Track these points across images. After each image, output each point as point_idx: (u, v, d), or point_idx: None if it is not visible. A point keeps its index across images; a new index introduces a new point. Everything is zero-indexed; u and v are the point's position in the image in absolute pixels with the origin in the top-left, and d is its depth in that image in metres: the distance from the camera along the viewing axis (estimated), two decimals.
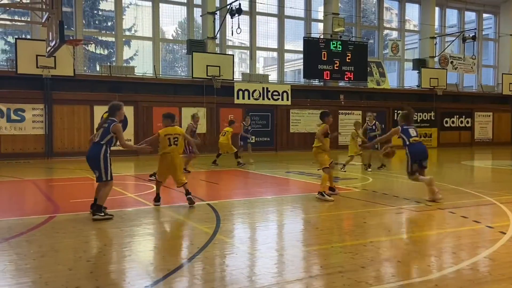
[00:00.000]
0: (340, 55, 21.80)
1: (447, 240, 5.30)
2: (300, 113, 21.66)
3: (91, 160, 6.40)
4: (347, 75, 22.09)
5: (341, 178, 11.43)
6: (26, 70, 16.08)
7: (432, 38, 25.20)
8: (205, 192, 9.24)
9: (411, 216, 6.80)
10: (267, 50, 24.81)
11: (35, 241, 5.14)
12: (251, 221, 6.49)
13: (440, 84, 24.27)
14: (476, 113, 26.19)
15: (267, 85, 21.05)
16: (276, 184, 10.60)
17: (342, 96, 22.65)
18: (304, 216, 6.82)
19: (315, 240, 5.35)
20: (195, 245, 5.00)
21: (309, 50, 21.30)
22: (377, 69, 23.95)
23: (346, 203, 7.79)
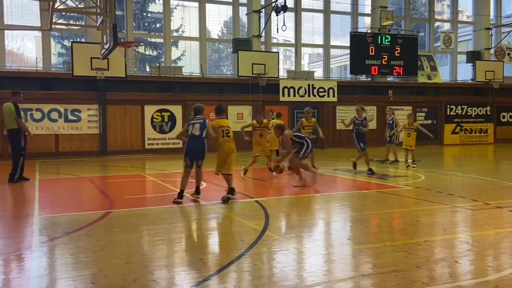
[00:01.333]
0: (388, 50, 21.26)
1: (507, 240, 5.06)
2: (347, 110, 21.31)
3: (199, 151, 7.56)
4: (396, 69, 21.51)
5: (392, 175, 11.17)
6: (81, 72, 16.82)
7: (487, 29, 24.05)
8: (253, 189, 9.30)
9: (468, 215, 6.54)
10: (313, 47, 24.58)
11: (94, 236, 5.38)
12: (299, 219, 6.48)
13: (496, 77, 23.13)
14: None
15: (313, 82, 20.88)
16: (323, 182, 10.51)
17: (390, 91, 22.09)
18: (354, 214, 6.72)
19: (366, 239, 5.26)
20: (245, 241, 5.05)
21: (356, 45, 20.92)
22: (428, 63, 23.15)
23: (397, 201, 7.60)
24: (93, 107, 17.80)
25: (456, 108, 23.24)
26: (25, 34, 18.89)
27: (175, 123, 18.67)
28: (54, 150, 17.33)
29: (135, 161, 15.88)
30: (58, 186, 10.25)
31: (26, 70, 17.88)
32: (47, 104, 17.15)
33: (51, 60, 18.66)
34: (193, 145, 7.53)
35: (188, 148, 7.57)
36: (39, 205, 7.39)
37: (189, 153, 7.57)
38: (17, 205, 7.97)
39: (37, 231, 5.65)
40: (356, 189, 9.17)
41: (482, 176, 10.59)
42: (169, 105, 18.73)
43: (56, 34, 19.51)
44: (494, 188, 8.92)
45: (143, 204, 7.65)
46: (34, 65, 18.02)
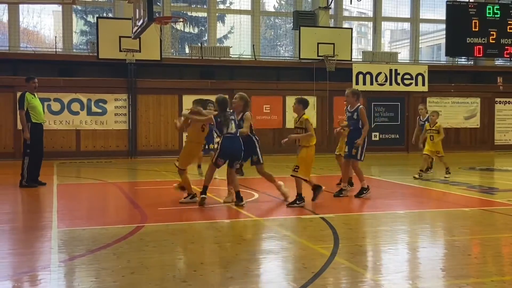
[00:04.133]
0: (498, 24, 20.46)
1: None
2: (441, 102, 20.77)
3: (240, 151, 8.38)
4: (508, 50, 20.64)
5: (501, 189, 10.76)
6: (108, 54, 17.44)
7: None
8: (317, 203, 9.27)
9: None
10: (397, 21, 24.16)
11: (123, 255, 5.58)
12: (378, 242, 6.39)
13: None
14: None
15: (396, 66, 20.53)
16: (408, 195, 10.32)
17: (500, 78, 21.30)
18: (449, 239, 6.55)
19: (466, 271, 5.12)
20: (309, 269, 5.06)
21: (454, 19, 20.29)
22: None
23: (508, 223, 7.32)
24: (121, 97, 18.45)
25: None
26: (43, 8, 19.89)
27: None
28: (75, 149, 18.15)
29: (171, 164, 16.27)
30: (80, 193, 10.71)
31: (43, 51, 18.86)
32: (67, 93, 17.99)
33: (73, 40, 19.53)
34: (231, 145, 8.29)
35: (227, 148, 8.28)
36: (58, 216, 7.76)
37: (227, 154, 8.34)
38: (31, 215, 8.42)
39: (55, 247, 5.93)
40: (453, 206, 8.91)
41: None
42: (214, 95, 18.94)
43: (79, 8, 20.37)
44: None
45: (182, 218, 7.82)
46: (52, 46, 18.94)
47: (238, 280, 4.87)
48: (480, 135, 20.59)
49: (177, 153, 18.87)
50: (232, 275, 4.99)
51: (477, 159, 15.19)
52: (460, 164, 15.26)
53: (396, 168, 14.99)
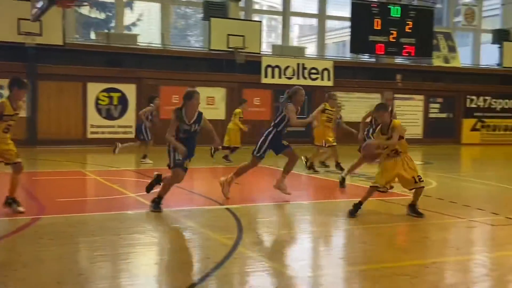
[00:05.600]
0: (398, 24, 21.50)
1: None
2: (345, 97, 21.48)
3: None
4: (407, 49, 21.77)
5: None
6: (5, 37, 16.47)
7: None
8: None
9: (486, 231, 6.71)
10: (305, 16, 24.71)
11: (14, 248, 5.31)
12: (281, 232, 6.52)
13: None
14: None
15: (304, 61, 20.98)
16: (313, 186, 10.60)
17: (398, 76, 22.37)
18: (349, 228, 6.80)
19: (362, 258, 5.35)
20: (211, 259, 5.07)
21: (358, 17, 21.08)
22: (446, 42, 23.52)
23: (402, 212, 7.72)
24: None
25: (478, 99, 23.68)
26: None
27: (126, 107, 18.52)
28: None
29: (73, 154, 15.68)
30: None
31: None
32: None
33: None
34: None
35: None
36: None
37: None
38: None
39: None
40: (354, 197, 9.26)
41: (507, 184, 10.85)
42: (120, 84, 18.55)
43: None
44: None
45: (82, 210, 7.60)
46: None
47: (137, 271, 4.79)
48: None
49: (81, 143, 18.27)
50: (131, 267, 4.90)
51: None
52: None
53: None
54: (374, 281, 4.61)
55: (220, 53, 19.43)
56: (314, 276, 4.73)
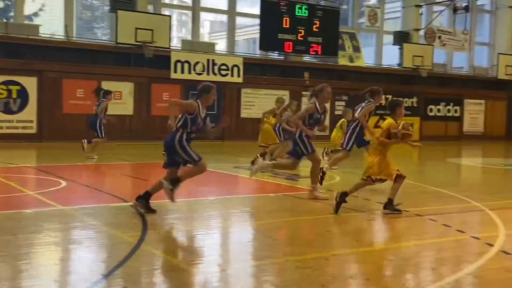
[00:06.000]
0: (305, 23, 22.03)
1: (426, 254, 5.54)
2: (254, 94, 21.76)
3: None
4: (314, 47, 22.37)
5: (303, 176, 11.62)
6: None
7: (417, 7, 25.94)
8: (129, 191, 9.12)
9: (385, 223, 7.04)
10: (215, 12, 24.67)
11: None
12: (188, 228, 6.49)
13: (425, 64, 25.07)
14: (466, 101, 27.29)
15: (214, 57, 20.98)
16: (221, 182, 10.63)
17: (306, 74, 22.94)
18: (255, 223, 6.89)
19: (266, 253, 5.43)
20: (113, 258, 4.95)
21: (267, 15, 21.38)
22: (351, 42, 24.41)
23: (306, 207, 7.93)
24: None
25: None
26: None
27: (26, 101, 17.64)
28: None
29: None
30: None
31: None
32: None
33: None
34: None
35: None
36: None
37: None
38: None
39: None
40: (260, 192, 9.41)
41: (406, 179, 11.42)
42: (20, 76, 17.62)
43: None
44: (415, 193, 9.67)
45: None
46: None
47: (35, 272, 4.59)
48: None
49: None
50: (29, 267, 4.68)
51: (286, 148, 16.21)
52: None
53: (212, 156, 15.35)
54: (277, 274, 4.70)
55: (128, 46, 18.99)
56: (219, 271, 4.75)
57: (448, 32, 26.38)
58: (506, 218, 7.20)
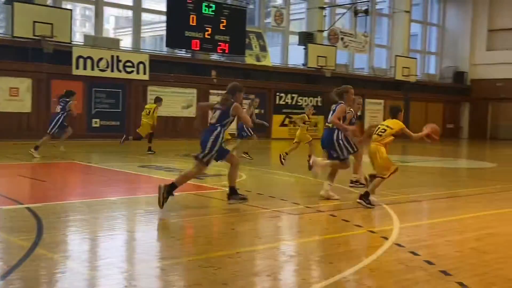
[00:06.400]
0: (213, 21, 22.03)
1: (325, 248, 5.71)
2: (161, 91, 21.42)
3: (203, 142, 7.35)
4: (221, 46, 22.43)
5: (210, 175, 11.61)
6: None
7: (321, 9, 26.75)
8: (25, 192, 8.67)
9: (287, 220, 7.17)
10: (119, 7, 24.07)
11: None
12: (87, 230, 6.26)
13: (328, 64, 25.92)
14: (367, 100, 28.51)
15: (118, 53, 20.44)
16: (125, 182, 10.39)
17: (214, 72, 22.95)
18: (159, 223, 6.79)
19: (170, 253, 5.36)
20: (5, 263, 4.67)
21: (173, 12, 21.15)
22: (258, 42, 24.73)
23: (212, 205, 7.92)
24: None
25: (286, 96, 25.35)
26: None
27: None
28: None
29: None
30: None
31: None
32: None
33: None
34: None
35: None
36: None
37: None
38: None
39: None
40: None
41: (309, 176, 11.74)
42: None
43: None
44: (319, 189, 9.97)
45: None
46: None
47: None
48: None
49: None
50: None
51: (193, 146, 16.10)
52: (176, 151, 16.01)
53: (117, 155, 14.95)
54: (179, 275, 4.65)
55: (25, 41, 18.04)
56: (121, 273, 4.61)
57: (350, 34, 27.44)
58: (401, 212, 7.60)
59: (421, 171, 13.96)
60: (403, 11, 29.85)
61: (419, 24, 33.18)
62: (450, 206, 8.58)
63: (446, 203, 8.89)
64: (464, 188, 8.90)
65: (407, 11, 30.07)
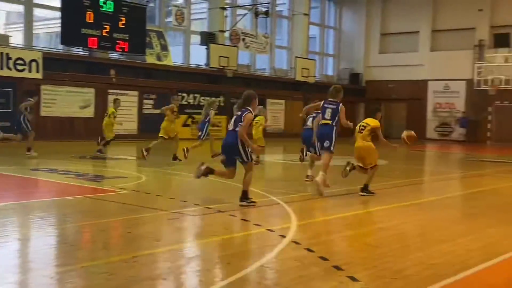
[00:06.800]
0: (111, 19, 21.42)
1: (224, 248, 5.72)
2: (56, 91, 20.54)
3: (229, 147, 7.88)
4: (120, 44, 21.88)
5: (107, 177, 11.29)
6: None
7: (222, 9, 26.85)
8: None
9: (186, 221, 7.12)
10: (10, 2, 22.80)
11: None
12: None
13: (230, 64, 26.07)
14: (268, 100, 29.02)
15: (8, 50, 19.31)
16: (16, 186, 9.84)
17: (113, 71, 22.31)
18: (53, 229, 6.49)
19: (63, 260, 5.15)
20: None
21: (69, 8, 20.33)
22: (159, 41, 24.38)
23: (108, 209, 7.70)
24: None
25: (188, 96, 25.20)
26: None
27: None
28: None
29: None
30: None
31: None
32: None
33: None
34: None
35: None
36: None
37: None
38: None
39: None
40: (58, 195, 8.90)
41: (211, 176, 11.73)
42: None
43: None
44: (220, 189, 10.02)
45: None
46: None
47: None
48: (93, 125, 20.98)
49: None
50: None
51: (90, 147, 15.59)
52: (72, 153, 15.38)
53: (5, 158, 14.09)
54: (71, 282, 4.46)
55: None
56: (5, 284, 4.34)
57: (251, 35, 27.78)
58: (299, 210, 7.81)
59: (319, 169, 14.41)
60: (302, 14, 30.67)
61: (317, 26, 34.26)
62: (347, 203, 8.90)
63: (343, 199, 9.22)
64: (360, 185, 9.30)
65: (306, 14, 30.94)
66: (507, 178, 13.34)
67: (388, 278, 4.70)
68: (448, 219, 7.89)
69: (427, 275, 4.83)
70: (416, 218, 7.89)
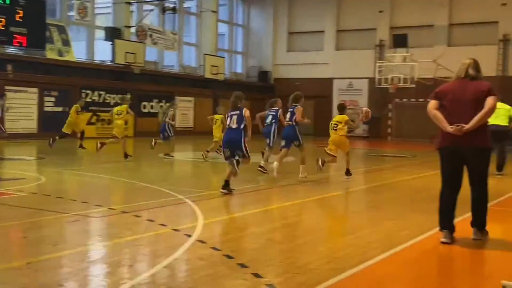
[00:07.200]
0: (8, 11, 20.18)
1: (126, 251, 5.54)
2: None
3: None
4: (18, 39, 20.67)
5: (3, 178, 10.67)
6: None
7: (127, 4, 26.19)
8: None
9: (88, 223, 6.87)
10: None
11: None
12: None
13: (137, 61, 25.48)
14: (178, 98, 28.69)
15: None
16: None
17: (10, 66, 21.12)
18: None
19: None
20: None
21: None
22: (60, 36, 23.36)
23: (2, 213, 7.25)
24: None
25: (93, 93, 24.38)
26: None
27: None
28: None
29: None
30: None
31: None
32: None
33: None
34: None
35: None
36: None
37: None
38: None
39: None
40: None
41: (116, 176, 11.43)
42: None
43: None
44: (124, 189, 9.75)
45: None
46: None
47: None
48: None
49: None
50: None
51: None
52: None
53: None
54: None
55: None
56: None
57: (158, 31, 27.33)
58: (205, 209, 7.74)
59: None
60: (210, 11, 30.58)
61: (226, 24, 34.34)
62: (253, 200, 8.98)
63: (251, 196, 9.28)
64: (271, 182, 9.46)
65: (214, 11, 30.89)
66: (405, 172, 14.06)
67: (291, 273, 4.77)
68: (351, 212, 8.17)
69: (329, 268, 4.95)
70: (321, 213, 8.10)
